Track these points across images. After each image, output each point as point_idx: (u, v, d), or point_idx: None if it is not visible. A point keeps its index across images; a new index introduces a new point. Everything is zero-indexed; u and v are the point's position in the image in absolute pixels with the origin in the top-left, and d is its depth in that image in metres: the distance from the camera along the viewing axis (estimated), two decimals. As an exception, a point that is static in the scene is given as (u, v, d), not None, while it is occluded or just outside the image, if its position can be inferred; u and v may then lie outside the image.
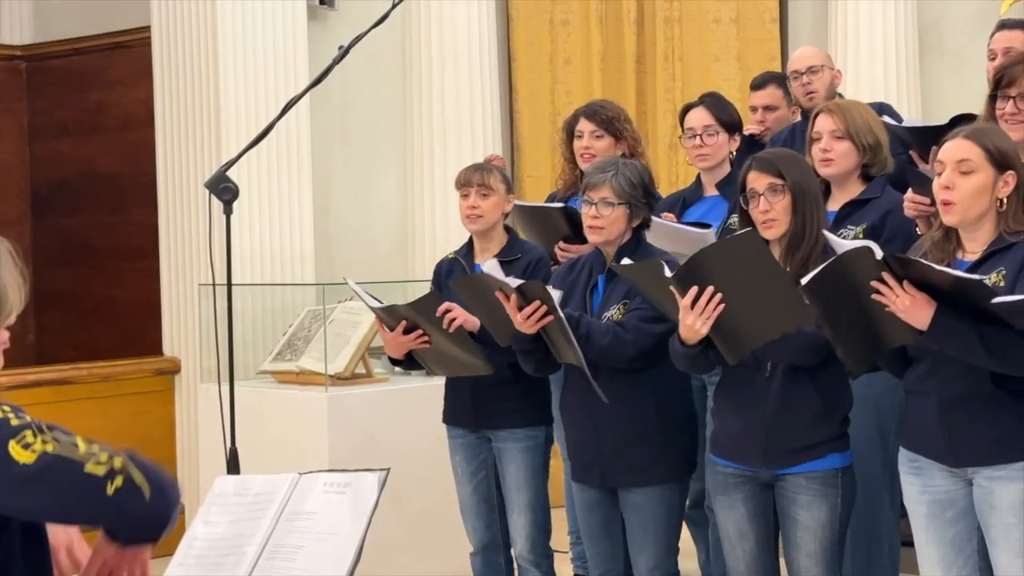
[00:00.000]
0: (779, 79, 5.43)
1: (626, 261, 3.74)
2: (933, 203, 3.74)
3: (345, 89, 6.95)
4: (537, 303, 3.78)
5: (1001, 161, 3.22)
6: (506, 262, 4.27)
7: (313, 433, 5.23)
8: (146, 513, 2.15)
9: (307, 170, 6.47)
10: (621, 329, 3.83)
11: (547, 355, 3.95)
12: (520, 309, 3.80)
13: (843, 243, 3.28)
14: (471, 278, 4.16)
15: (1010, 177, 3.22)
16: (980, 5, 7.04)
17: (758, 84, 5.38)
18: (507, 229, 4.48)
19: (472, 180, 4.38)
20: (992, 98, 3.79)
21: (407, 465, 5.01)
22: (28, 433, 2.06)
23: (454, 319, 4.14)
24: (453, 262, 4.54)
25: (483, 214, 4.37)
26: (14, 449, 2.05)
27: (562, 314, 3.76)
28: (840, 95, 5.22)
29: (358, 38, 4.30)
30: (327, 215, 6.90)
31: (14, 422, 2.07)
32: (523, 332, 3.85)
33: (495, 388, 4.31)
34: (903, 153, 4.37)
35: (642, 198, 3.94)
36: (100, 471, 2.08)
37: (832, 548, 3.59)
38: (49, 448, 2.06)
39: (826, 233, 3.49)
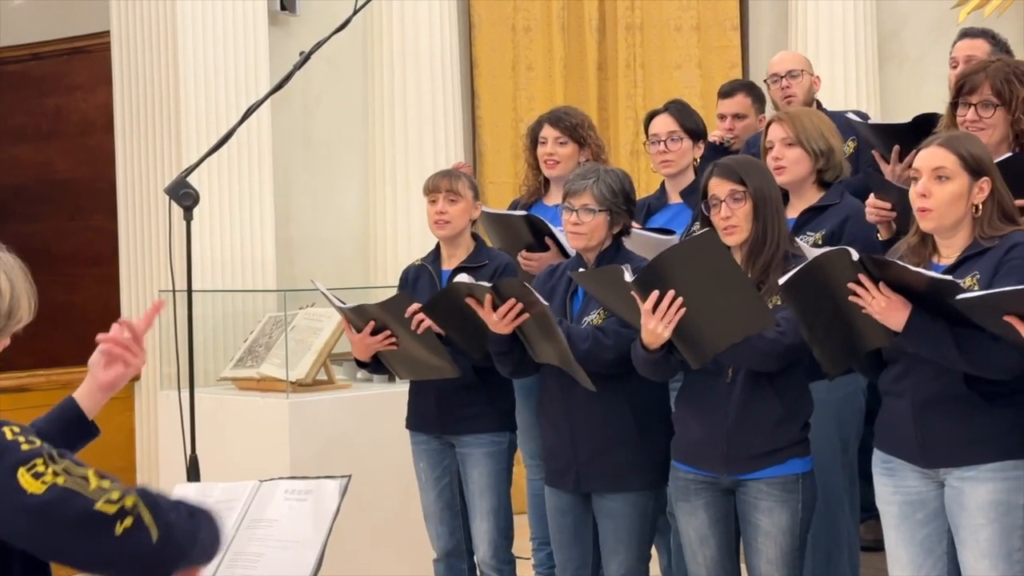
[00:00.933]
0: (747, 87, 5.45)
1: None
2: (894, 208, 3.78)
3: (306, 95, 6.93)
4: (512, 301, 3.78)
5: (976, 168, 3.26)
6: (472, 268, 4.28)
7: (274, 440, 5.20)
8: (151, 556, 1.99)
9: (268, 176, 6.44)
10: (601, 334, 3.84)
11: (524, 356, 3.95)
12: (495, 309, 3.80)
13: (813, 250, 3.30)
14: (442, 292, 4.15)
15: (985, 183, 3.26)
16: (939, 14, 7.10)
17: (727, 92, 5.40)
18: (474, 236, 4.48)
19: (440, 186, 4.38)
20: (953, 105, 3.82)
21: (369, 472, 5.00)
22: (39, 461, 1.96)
23: (423, 320, 4.13)
24: (420, 268, 4.53)
25: (451, 220, 4.37)
26: (23, 477, 1.94)
27: (544, 304, 3.76)
28: (818, 101, 5.26)
29: (319, 44, 4.30)
30: (288, 221, 6.88)
31: (24, 447, 1.97)
32: (498, 333, 3.84)
33: (460, 394, 4.30)
34: (871, 166, 4.40)
35: (622, 205, 3.95)
36: (111, 510, 1.95)
37: (793, 553, 3.61)
38: (60, 481, 1.95)
39: (800, 243, 3.51)
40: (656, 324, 3.41)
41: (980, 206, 3.26)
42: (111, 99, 6.49)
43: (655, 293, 3.39)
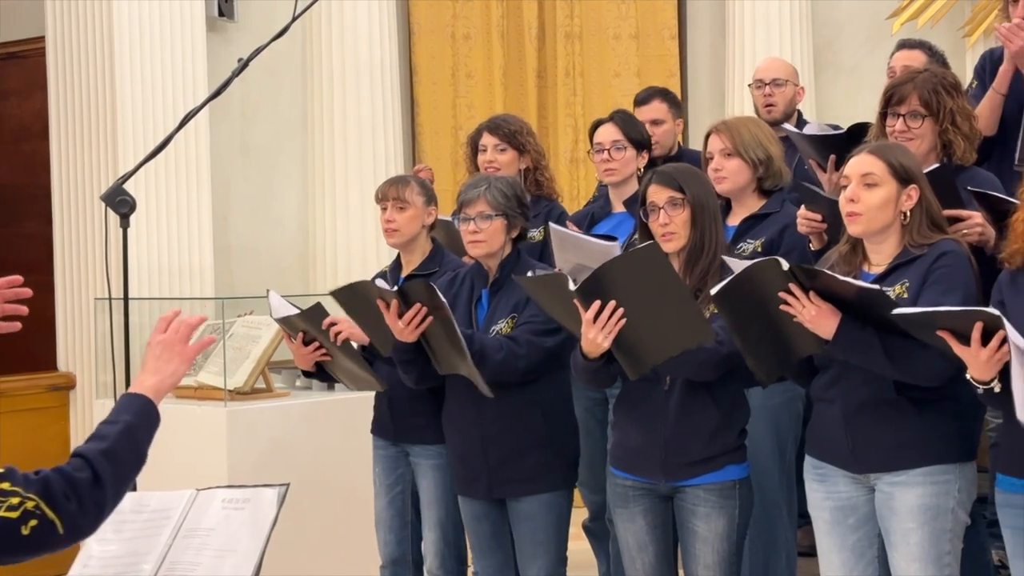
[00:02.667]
0: (663, 93, 5.48)
1: (531, 274, 3.76)
2: (824, 219, 3.82)
3: (245, 102, 6.90)
4: (417, 306, 3.77)
5: (904, 176, 3.32)
6: (426, 275, 4.26)
7: (212, 449, 5.16)
8: (62, 543, 2.18)
9: (206, 183, 6.40)
10: (514, 344, 3.85)
11: (428, 366, 3.94)
12: (401, 316, 3.79)
13: (741, 263, 3.33)
14: (351, 286, 4.12)
15: (913, 191, 3.31)
16: (874, 24, 7.19)
17: (642, 99, 5.43)
18: (433, 241, 4.45)
19: (388, 194, 4.35)
20: (883, 115, 3.87)
21: (308, 480, 4.97)
22: None
23: (340, 332, 4.12)
24: (383, 276, 4.52)
25: (399, 228, 4.33)
26: None
27: (449, 309, 3.76)
28: (799, 111, 5.30)
29: (258, 50, 4.27)
30: (226, 229, 6.84)
31: None
32: (402, 341, 3.84)
33: (410, 403, 4.28)
34: (803, 177, 4.44)
35: (517, 209, 3.98)
36: (14, 515, 2.10)
37: (730, 559, 3.63)
38: None
39: (725, 257, 3.55)
40: (596, 334, 3.42)
41: (908, 213, 3.32)
42: (46, 105, 6.43)
43: (597, 303, 3.40)
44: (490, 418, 3.92)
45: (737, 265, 3.31)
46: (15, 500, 2.10)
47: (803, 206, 3.91)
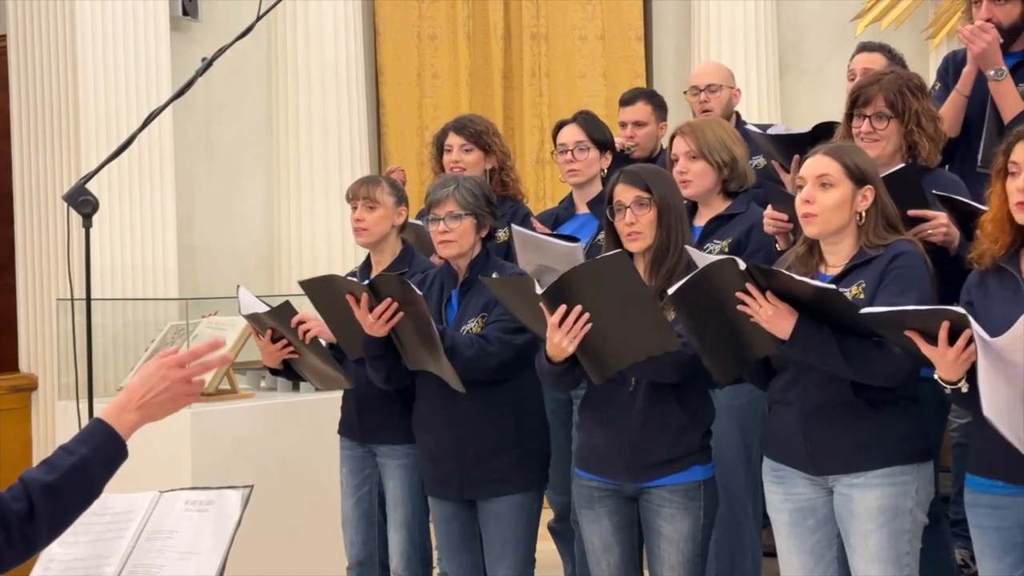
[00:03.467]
0: (648, 95, 5.50)
1: (495, 275, 3.76)
2: (791, 219, 3.83)
3: (209, 101, 6.87)
4: (388, 300, 3.77)
5: (859, 176, 3.33)
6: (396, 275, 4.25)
7: (175, 450, 5.13)
8: (10, 563, 2.09)
9: (170, 183, 6.37)
10: (485, 342, 3.86)
11: (397, 363, 3.93)
12: (372, 310, 3.78)
13: (706, 256, 3.34)
14: (320, 279, 4.11)
15: (868, 192, 3.33)
16: (838, 27, 7.23)
17: (627, 100, 5.44)
18: (403, 241, 4.45)
19: (358, 193, 4.34)
20: (849, 117, 3.89)
21: (273, 481, 4.95)
22: None
23: (308, 329, 4.11)
24: (353, 276, 4.50)
25: (369, 227, 4.33)
26: None
27: (420, 295, 3.75)
28: (738, 113, 5.31)
29: (222, 50, 4.25)
30: (190, 229, 6.80)
31: None
32: (373, 336, 3.83)
33: (377, 403, 4.27)
34: (769, 177, 4.45)
35: (485, 208, 3.98)
36: None
37: (695, 560, 3.64)
38: None
39: (689, 248, 3.55)
40: (562, 338, 3.42)
41: (864, 214, 3.33)
42: (7, 103, 6.38)
43: (563, 307, 3.40)
44: (461, 418, 3.92)
45: (703, 259, 3.32)
46: None
47: (770, 206, 3.93)
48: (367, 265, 4.46)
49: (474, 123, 4.91)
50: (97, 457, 2.24)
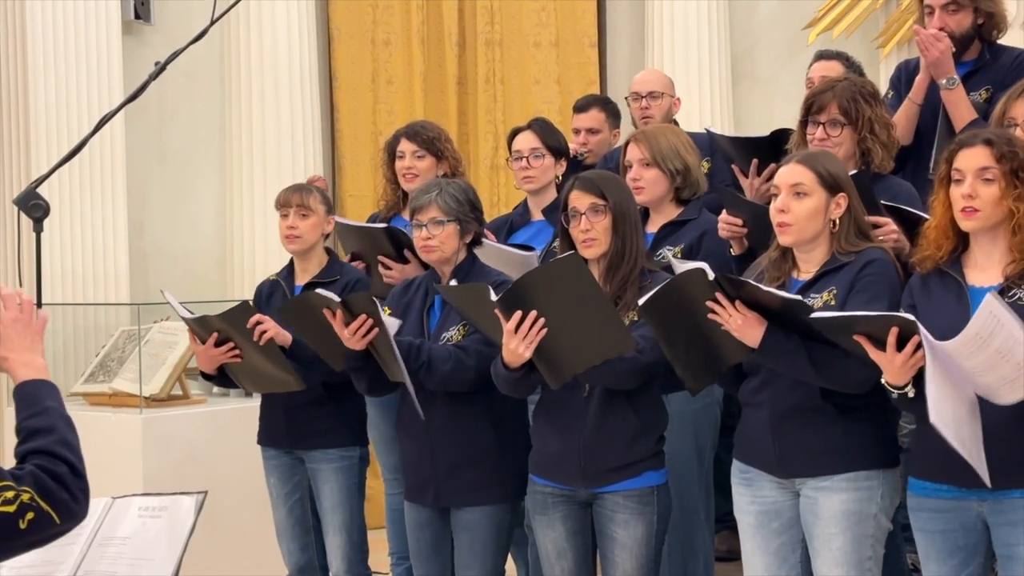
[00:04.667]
0: (602, 102, 5.51)
1: (453, 283, 3.76)
2: (745, 224, 3.86)
3: (162, 105, 6.82)
4: (363, 317, 3.76)
5: (833, 184, 3.36)
6: (324, 283, 4.26)
7: (127, 456, 5.10)
8: (59, 532, 2.25)
9: (121, 187, 6.32)
10: (463, 353, 3.84)
11: (379, 373, 3.93)
12: (347, 325, 3.78)
13: (684, 264, 3.36)
14: (297, 300, 4.12)
15: (841, 199, 3.36)
16: (790, 35, 7.28)
17: (581, 107, 5.45)
18: (328, 251, 4.47)
19: (291, 200, 4.38)
20: (803, 124, 3.92)
21: (226, 487, 4.93)
22: None
23: (265, 331, 4.10)
24: (274, 284, 4.51)
25: (302, 235, 4.36)
26: None
27: (386, 323, 3.75)
28: (675, 121, 5.34)
29: (175, 54, 4.24)
30: (142, 234, 6.75)
31: None
32: (352, 349, 3.82)
33: (309, 408, 4.28)
34: (725, 181, 4.48)
35: (470, 213, 3.97)
36: (11, 509, 2.16)
37: (648, 565, 3.65)
38: None
39: (672, 261, 3.57)
40: (517, 344, 3.43)
41: (837, 221, 3.36)
42: (-43, 107, 6.31)
43: (518, 313, 3.40)
44: (441, 427, 3.90)
45: (676, 264, 3.34)
46: (10, 494, 2.16)
47: (724, 210, 3.95)
48: (290, 272, 4.46)
49: (426, 129, 4.91)
50: (59, 401, 2.44)
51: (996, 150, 3.11)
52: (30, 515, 2.17)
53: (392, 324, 3.84)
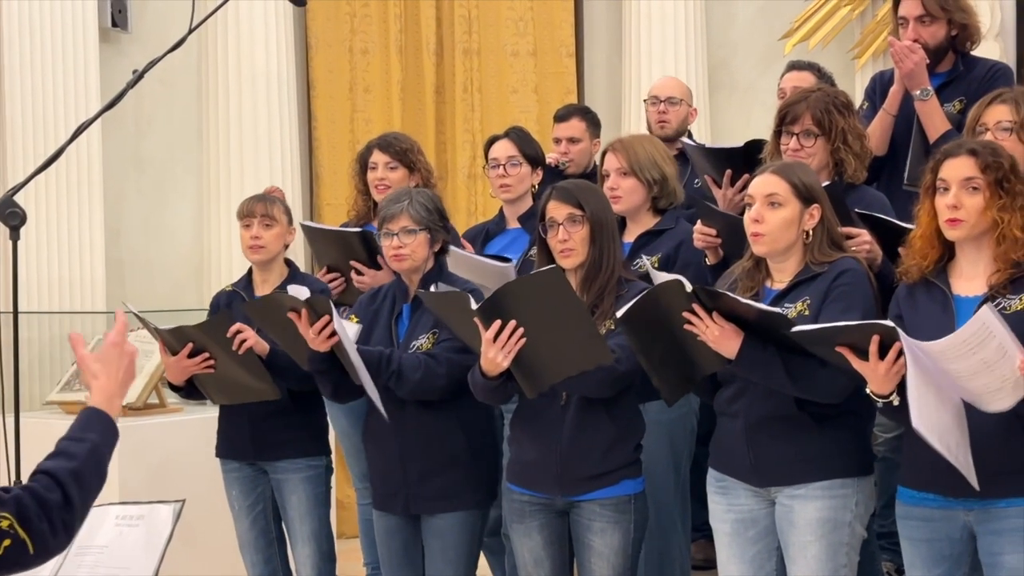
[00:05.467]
0: (583, 111, 5.53)
1: (433, 288, 3.76)
2: (719, 234, 3.87)
3: (139, 114, 6.81)
4: (327, 317, 3.77)
5: (807, 195, 3.38)
6: None
7: (103, 465, 5.07)
8: (33, 562, 2.20)
9: (98, 196, 6.31)
10: (433, 362, 3.85)
11: (344, 377, 3.93)
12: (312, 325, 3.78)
13: (661, 275, 3.38)
14: (264, 299, 4.11)
15: (815, 210, 3.38)
16: (767, 45, 7.31)
17: (562, 116, 5.47)
18: (288, 262, 4.47)
19: (255, 211, 4.38)
20: (777, 134, 3.94)
21: (203, 496, 4.90)
22: None
23: (244, 340, 4.09)
24: (232, 294, 4.50)
25: (265, 245, 4.37)
26: None
27: (344, 328, 3.75)
28: (690, 131, 5.37)
29: (153, 62, 4.22)
30: (119, 242, 6.74)
31: None
32: (316, 350, 3.82)
33: (273, 419, 4.28)
34: (697, 192, 4.49)
35: (439, 222, 3.98)
36: None
37: (625, 573, 3.65)
38: None
39: (651, 271, 3.58)
40: (496, 353, 3.43)
41: (811, 232, 3.38)
42: (-67, 114, 6.28)
43: (497, 322, 3.41)
44: (410, 434, 3.91)
45: (654, 275, 3.36)
46: None
47: (699, 221, 3.96)
48: (248, 283, 4.46)
49: (399, 140, 4.92)
50: (104, 440, 2.40)
51: (981, 160, 3.13)
52: (6, 542, 2.15)
53: (353, 330, 3.85)
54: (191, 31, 4.33)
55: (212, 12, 4.23)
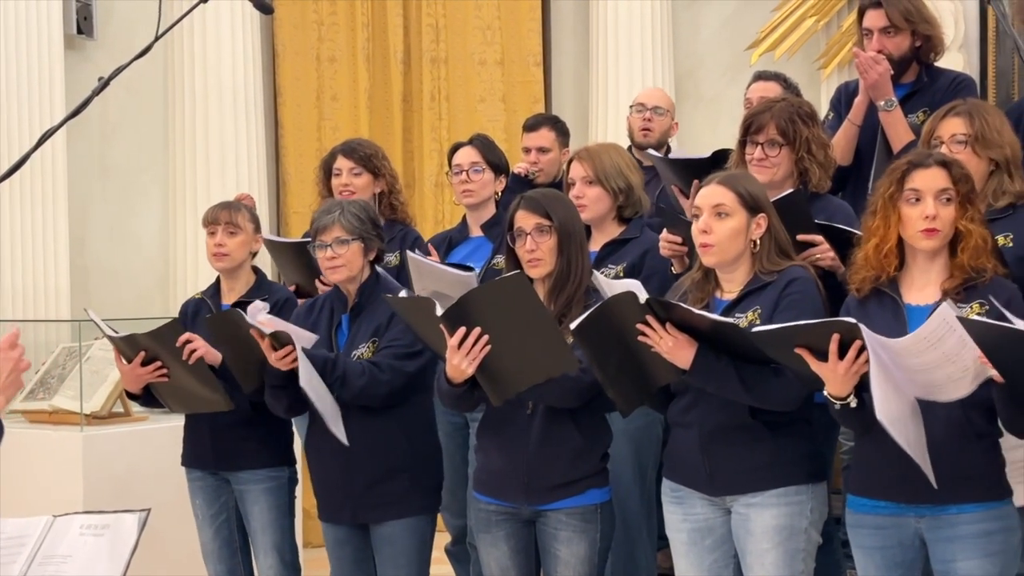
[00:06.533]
0: (552, 121, 5.54)
1: (403, 294, 3.76)
2: (685, 242, 3.89)
3: (104, 121, 6.78)
4: (289, 347, 3.77)
5: (753, 205, 3.40)
6: (252, 302, 4.24)
7: (67, 474, 5.05)
8: None
9: (63, 203, 6.27)
10: (377, 369, 3.85)
11: (299, 395, 3.92)
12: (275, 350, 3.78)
13: (612, 283, 3.38)
14: (225, 315, 4.09)
15: (762, 219, 3.40)
16: (732, 57, 7.36)
17: (531, 126, 5.48)
18: (255, 269, 4.45)
19: (219, 218, 4.36)
20: (742, 144, 3.96)
21: (168, 505, 4.88)
22: None
23: (195, 350, 4.07)
24: (200, 302, 4.49)
25: (229, 252, 4.34)
26: None
27: (306, 361, 3.75)
28: (670, 146, 5.41)
29: (119, 70, 4.20)
30: (84, 250, 6.70)
31: None
32: (276, 368, 3.82)
33: (236, 428, 4.26)
34: (663, 201, 4.51)
35: (372, 231, 3.99)
36: None
37: (591, 583, 3.66)
38: None
39: (597, 275, 3.59)
40: (461, 360, 3.43)
41: (758, 241, 3.40)
42: None
43: (462, 329, 3.41)
44: (354, 443, 3.90)
45: (610, 286, 3.36)
46: None
47: (665, 229, 3.98)
48: (216, 290, 4.45)
49: (363, 146, 4.93)
50: None
51: (953, 173, 3.18)
52: None
53: (306, 338, 3.84)
54: (157, 38, 4.32)
55: (179, 19, 4.22)
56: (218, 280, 4.47)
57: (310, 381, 3.75)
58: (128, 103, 6.79)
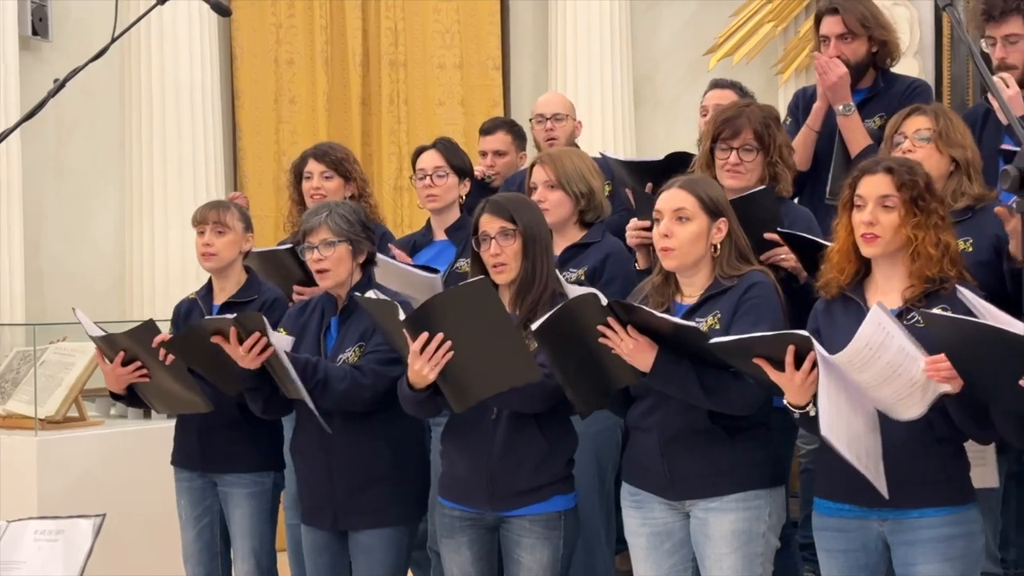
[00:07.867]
0: (508, 125, 5.54)
1: (370, 294, 3.73)
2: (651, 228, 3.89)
3: (60, 122, 6.73)
4: (256, 335, 3.73)
5: (714, 209, 3.40)
6: (242, 303, 4.22)
7: (21, 479, 5.00)
8: None
9: (17, 205, 6.23)
10: (359, 373, 3.82)
11: (275, 394, 3.89)
12: (241, 343, 3.74)
13: (573, 288, 3.38)
14: (182, 334, 4.05)
15: (722, 224, 3.40)
16: (690, 61, 7.39)
17: (488, 129, 5.47)
18: (247, 269, 4.41)
19: (208, 217, 4.31)
20: (711, 148, 3.95)
21: (124, 511, 4.84)
22: None
23: (167, 353, 4.04)
24: (192, 303, 4.45)
25: (217, 252, 4.29)
26: None
27: (278, 340, 3.73)
28: (576, 145, 5.38)
29: (75, 71, 4.16)
30: (38, 252, 6.65)
31: None
32: (247, 368, 3.79)
33: (223, 431, 4.22)
34: (624, 207, 4.51)
35: (361, 233, 3.96)
36: None
37: (552, 589, 3.65)
38: None
39: (561, 278, 3.58)
40: (422, 365, 3.42)
41: (719, 246, 3.41)
42: None
43: (424, 335, 3.39)
44: (337, 448, 3.87)
45: (572, 290, 3.36)
46: None
47: (634, 219, 3.98)
48: (208, 291, 4.41)
49: (334, 150, 4.90)
50: None
51: (897, 178, 3.18)
52: None
53: (284, 341, 3.82)
54: (114, 40, 4.28)
55: (135, 21, 4.19)
56: (211, 280, 4.43)
57: (288, 363, 3.71)
58: (84, 105, 6.75)
